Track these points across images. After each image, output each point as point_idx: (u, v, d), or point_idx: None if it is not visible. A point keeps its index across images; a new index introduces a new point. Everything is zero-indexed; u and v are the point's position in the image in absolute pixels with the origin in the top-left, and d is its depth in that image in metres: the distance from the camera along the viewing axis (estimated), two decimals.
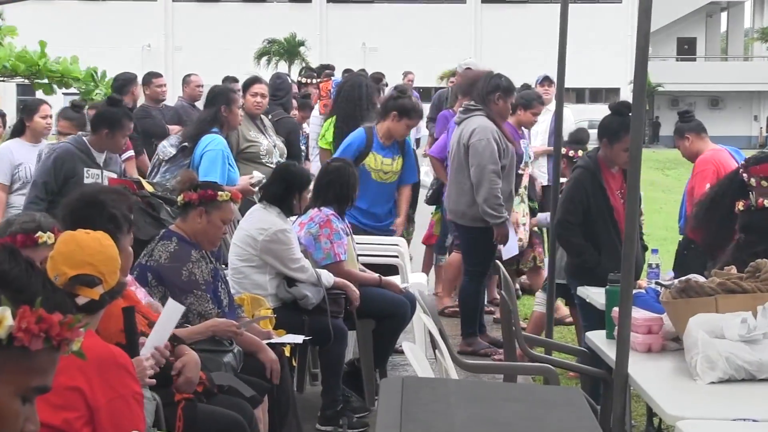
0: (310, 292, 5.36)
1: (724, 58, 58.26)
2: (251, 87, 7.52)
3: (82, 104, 7.08)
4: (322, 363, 5.64)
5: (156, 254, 4.51)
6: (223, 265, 5.31)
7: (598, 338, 4.40)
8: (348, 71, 11.14)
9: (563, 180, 6.58)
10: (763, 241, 4.36)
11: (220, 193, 4.64)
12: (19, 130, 7.29)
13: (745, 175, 4.95)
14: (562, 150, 6.87)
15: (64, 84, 10.39)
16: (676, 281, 4.07)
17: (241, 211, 5.87)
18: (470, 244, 7.17)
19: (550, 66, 7.67)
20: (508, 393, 3.23)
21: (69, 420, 2.73)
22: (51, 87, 10.32)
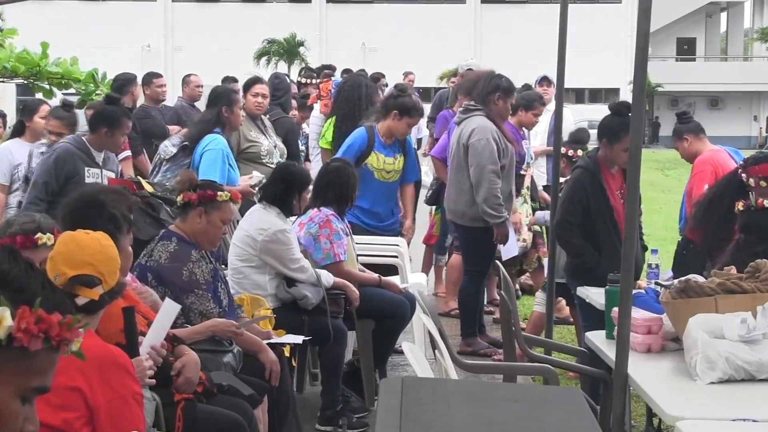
0: (310, 292, 5.36)
1: (724, 59, 58.24)
2: (252, 87, 7.52)
3: (72, 103, 7.05)
4: (322, 363, 5.64)
5: (156, 254, 4.51)
6: (223, 265, 5.31)
7: (597, 338, 4.40)
8: (347, 71, 11.14)
9: (563, 180, 6.59)
10: (762, 242, 4.36)
11: (219, 193, 4.64)
12: (18, 131, 7.30)
13: (743, 175, 4.95)
14: (562, 150, 6.88)
15: (64, 85, 10.37)
16: (676, 281, 4.07)
17: (242, 212, 5.87)
18: (470, 244, 7.17)
19: (550, 66, 7.68)
20: (507, 393, 3.23)
21: (69, 420, 2.73)
22: (51, 91, 10.31)
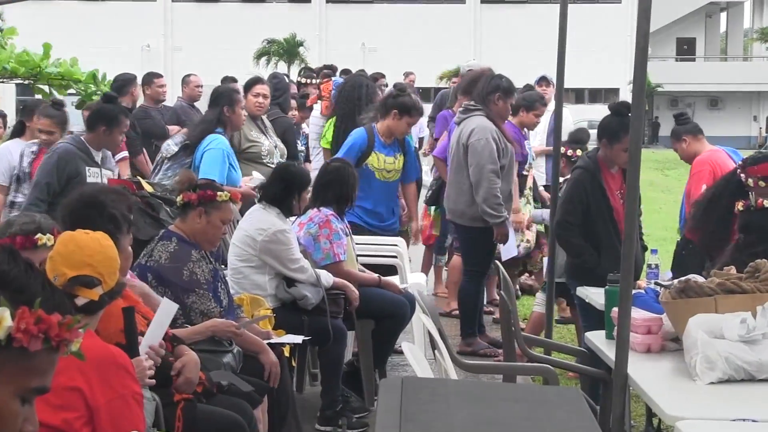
0: (310, 292, 5.36)
1: (724, 59, 58.23)
2: (253, 87, 7.53)
3: (62, 102, 7.04)
4: (322, 363, 5.64)
5: (156, 254, 4.51)
6: (223, 266, 5.31)
7: (597, 338, 4.40)
8: (346, 72, 11.15)
9: (562, 179, 6.59)
10: (762, 242, 4.36)
11: (219, 193, 4.64)
12: (19, 131, 7.29)
13: (742, 175, 4.95)
14: (561, 149, 6.88)
15: (64, 86, 10.36)
16: (675, 281, 4.07)
17: (242, 212, 5.87)
18: (469, 243, 7.17)
19: (550, 66, 7.68)
20: (507, 393, 3.23)
21: (68, 420, 2.73)
22: (51, 94, 10.29)
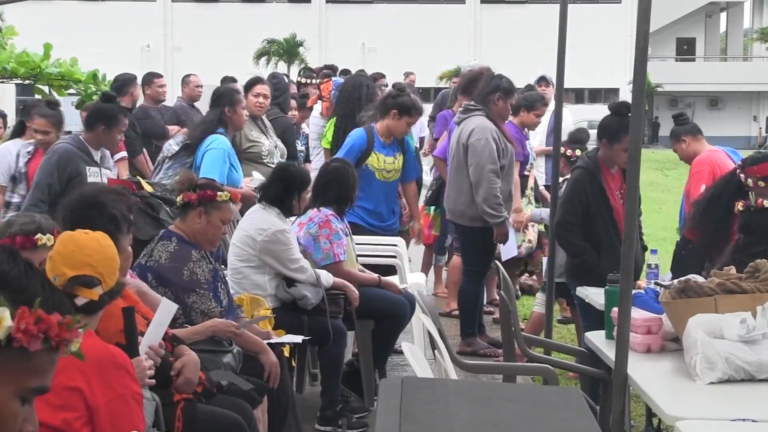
0: (310, 292, 5.36)
1: (724, 59, 58.22)
2: (253, 87, 7.54)
3: (57, 101, 7.04)
4: (322, 363, 5.64)
5: (156, 254, 4.50)
6: (223, 266, 5.31)
7: (597, 338, 4.40)
8: (346, 72, 11.14)
9: (561, 179, 6.59)
10: (762, 242, 4.36)
11: (219, 193, 4.64)
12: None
13: (742, 175, 4.95)
14: (560, 149, 6.88)
15: (64, 86, 10.36)
16: (675, 281, 4.07)
17: (242, 212, 5.87)
18: (469, 243, 7.17)
19: (550, 66, 7.68)
20: (507, 393, 3.23)
21: (68, 420, 2.73)
22: (51, 95, 10.29)
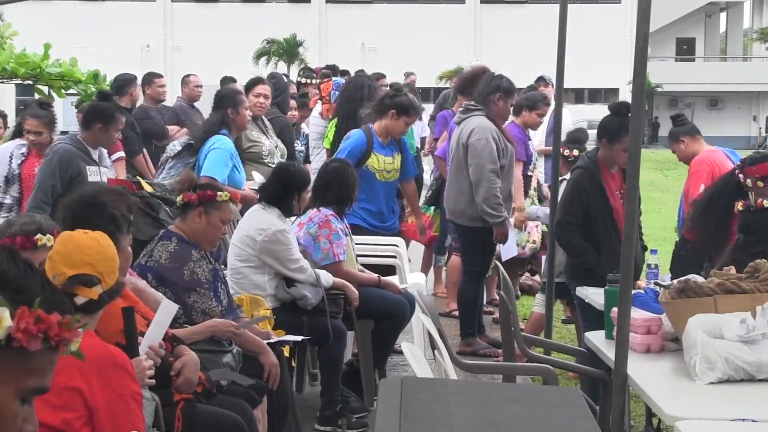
0: (309, 292, 5.36)
1: (723, 59, 58.24)
2: (254, 88, 7.56)
3: (49, 102, 7.04)
4: (321, 363, 5.64)
5: (156, 254, 4.50)
6: (223, 266, 5.31)
7: (597, 338, 4.40)
8: (345, 73, 11.14)
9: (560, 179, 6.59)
10: (762, 242, 4.36)
11: (219, 193, 4.64)
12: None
13: (741, 175, 4.95)
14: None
15: (64, 86, 10.35)
16: (675, 281, 4.07)
17: (242, 212, 5.87)
18: (469, 243, 7.17)
19: (550, 66, 7.68)
20: (507, 393, 3.23)
21: (68, 420, 2.73)
22: (49, 95, 10.29)
